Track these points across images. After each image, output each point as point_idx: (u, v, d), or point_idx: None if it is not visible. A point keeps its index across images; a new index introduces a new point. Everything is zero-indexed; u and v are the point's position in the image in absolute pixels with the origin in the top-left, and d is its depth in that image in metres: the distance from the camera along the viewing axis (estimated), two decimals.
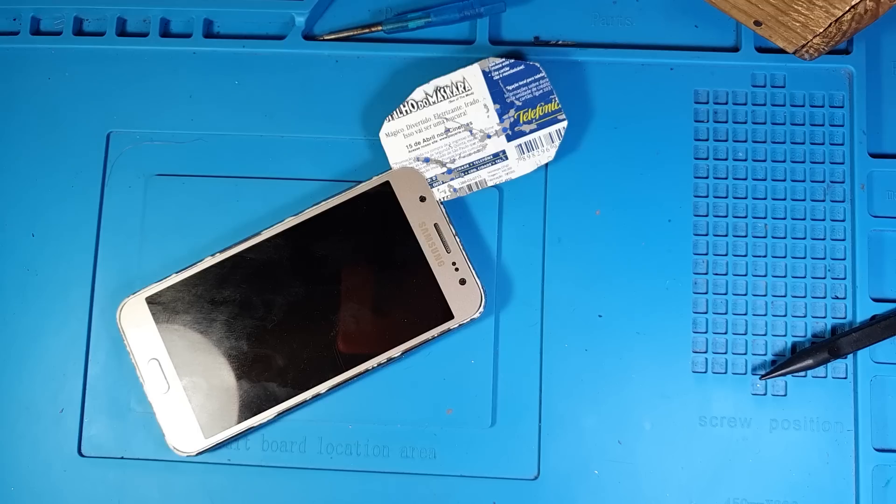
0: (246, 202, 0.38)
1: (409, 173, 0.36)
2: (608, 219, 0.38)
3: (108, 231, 0.38)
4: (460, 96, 0.36)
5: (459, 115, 0.36)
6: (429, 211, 0.35)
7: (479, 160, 0.36)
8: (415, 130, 0.36)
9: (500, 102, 0.36)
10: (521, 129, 0.36)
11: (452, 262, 0.35)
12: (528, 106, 0.36)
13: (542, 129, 0.36)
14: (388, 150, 0.36)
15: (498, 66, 0.36)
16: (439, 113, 0.36)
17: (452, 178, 0.36)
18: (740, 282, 0.37)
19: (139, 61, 0.40)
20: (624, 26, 0.40)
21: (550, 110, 0.36)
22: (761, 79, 0.39)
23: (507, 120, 0.36)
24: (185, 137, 0.39)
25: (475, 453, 0.36)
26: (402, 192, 0.35)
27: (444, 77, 0.36)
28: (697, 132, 0.38)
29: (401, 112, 0.36)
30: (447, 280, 0.35)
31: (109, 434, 0.37)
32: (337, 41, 0.40)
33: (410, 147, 0.36)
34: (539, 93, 0.36)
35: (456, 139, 0.36)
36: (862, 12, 0.32)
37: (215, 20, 0.41)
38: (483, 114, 0.36)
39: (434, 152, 0.36)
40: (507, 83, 0.36)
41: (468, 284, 0.35)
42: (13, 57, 0.40)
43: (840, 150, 0.38)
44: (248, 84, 0.39)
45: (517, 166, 0.36)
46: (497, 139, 0.36)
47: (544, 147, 0.36)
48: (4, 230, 0.39)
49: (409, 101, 0.36)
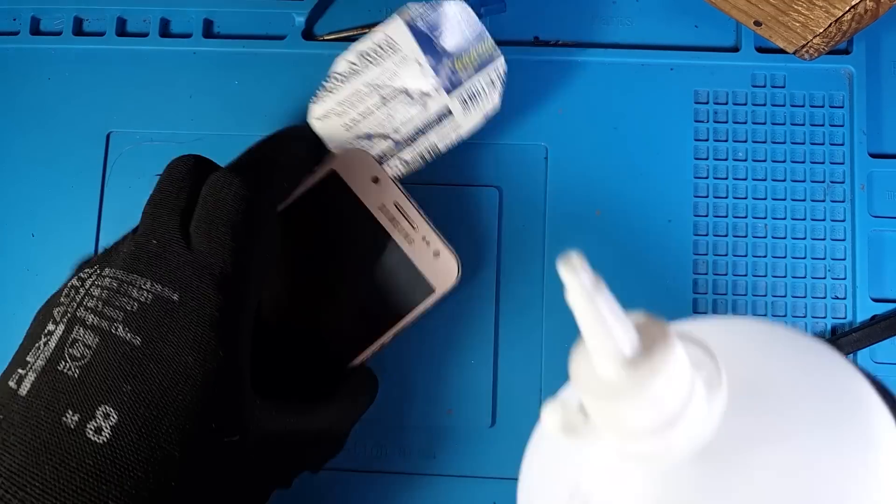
0: None
1: (355, 155, 0.33)
2: (608, 219, 0.38)
3: (108, 231, 0.38)
4: (388, 57, 0.32)
5: (391, 77, 0.32)
6: (385, 191, 0.33)
7: (424, 123, 0.33)
8: (347, 106, 0.33)
9: (432, 53, 0.32)
10: (459, 77, 0.33)
11: (422, 237, 0.33)
12: (462, 51, 0.33)
13: (479, 72, 0.33)
14: (323, 134, 0.34)
15: (421, 12, 0.32)
16: (369, 81, 0.32)
17: (401, 151, 0.33)
18: (741, 282, 0.37)
19: (139, 61, 0.40)
20: (624, 26, 0.40)
21: (485, 51, 0.33)
22: (761, 79, 0.39)
23: (443, 71, 0.32)
24: (185, 137, 0.39)
25: (475, 453, 0.36)
26: (352, 178, 0.33)
27: (366, 39, 0.33)
28: (697, 132, 0.38)
29: (327, 89, 0.33)
30: (421, 256, 0.33)
31: None
32: (337, 41, 0.40)
33: (347, 126, 0.33)
34: (471, 34, 0.33)
35: (394, 106, 0.32)
36: (862, 12, 0.32)
37: (215, 20, 0.41)
38: (417, 71, 0.32)
39: (374, 126, 0.33)
40: (435, 29, 0.32)
41: (442, 255, 0.33)
42: (13, 57, 0.40)
43: (840, 151, 0.38)
44: (248, 84, 0.39)
45: (463, 121, 0.33)
46: (437, 96, 0.33)
47: (487, 93, 0.33)
48: (4, 230, 0.39)
49: (333, 74, 0.33)
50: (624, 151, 0.38)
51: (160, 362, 0.23)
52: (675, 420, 0.16)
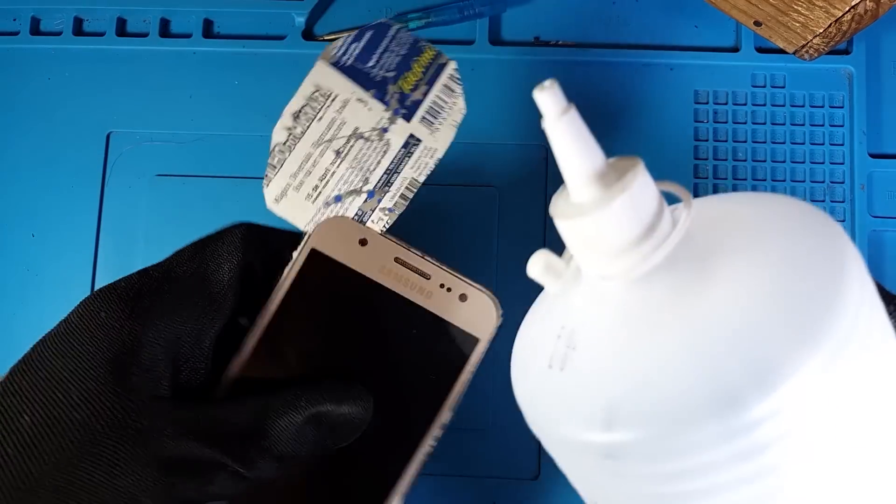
0: (246, 202, 0.38)
1: (330, 225, 0.28)
2: None
3: (108, 231, 0.38)
4: (325, 107, 0.28)
5: (339, 127, 0.28)
6: (379, 250, 0.28)
7: (393, 161, 0.28)
8: (302, 176, 0.28)
9: (372, 85, 0.28)
10: (412, 99, 0.28)
11: (440, 284, 0.28)
12: (402, 70, 0.28)
13: (432, 85, 0.29)
14: (288, 218, 0.28)
15: (343, 47, 0.28)
16: (315, 140, 0.28)
17: (379, 200, 0.28)
18: None
19: (139, 61, 0.40)
20: (624, 26, 0.40)
21: (428, 60, 0.28)
22: (761, 79, 0.39)
23: (392, 99, 0.28)
24: (185, 137, 0.39)
25: (475, 453, 0.36)
26: (337, 250, 0.27)
27: (294, 98, 0.28)
28: (698, 132, 0.38)
29: (273, 166, 0.28)
30: (447, 306, 0.28)
31: None
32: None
33: (310, 196, 0.28)
34: (405, 49, 0.28)
35: (354, 156, 0.28)
36: (862, 12, 0.32)
37: (215, 20, 0.41)
38: (363, 109, 0.28)
39: (340, 185, 0.28)
40: (365, 59, 0.28)
41: (471, 296, 0.28)
42: (13, 57, 0.40)
43: (840, 151, 0.38)
44: (248, 84, 0.39)
45: (435, 142, 0.29)
46: (396, 128, 0.28)
47: (449, 103, 0.29)
48: (4, 230, 0.39)
49: (275, 148, 0.28)
50: (624, 151, 0.38)
51: None
52: (645, 234, 0.18)
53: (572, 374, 0.19)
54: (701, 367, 0.16)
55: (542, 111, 0.18)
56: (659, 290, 0.18)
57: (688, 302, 0.18)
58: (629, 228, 0.18)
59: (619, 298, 0.19)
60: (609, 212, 0.18)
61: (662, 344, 0.17)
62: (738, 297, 0.17)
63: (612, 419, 0.17)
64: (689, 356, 0.17)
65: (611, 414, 0.17)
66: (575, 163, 0.18)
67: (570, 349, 0.19)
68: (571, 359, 0.19)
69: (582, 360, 0.19)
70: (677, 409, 0.16)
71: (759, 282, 0.17)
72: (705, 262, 0.18)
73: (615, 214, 0.18)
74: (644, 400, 0.17)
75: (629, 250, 0.18)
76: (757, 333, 0.16)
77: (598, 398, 0.18)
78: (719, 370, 0.16)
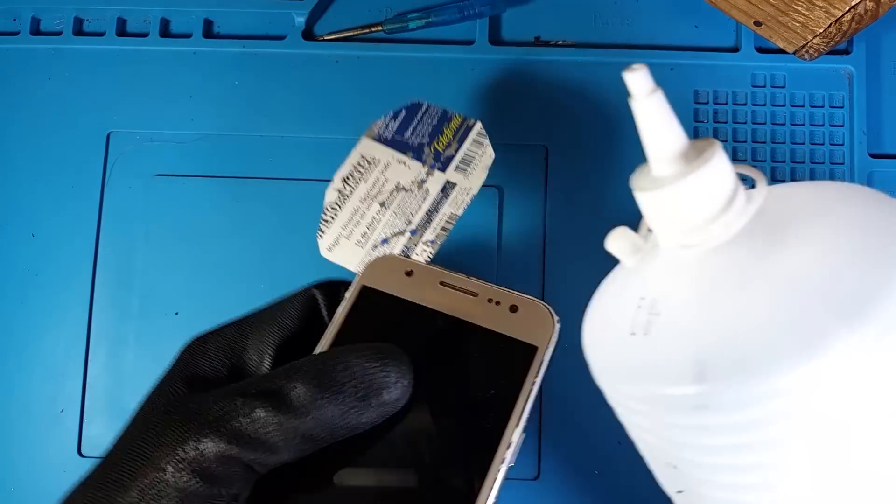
0: (246, 202, 0.38)
1: (378, 263, 0.29)
2: (608, 219, 0.38)
3: (108, 231, 0.38)
4: (370, 171, 0.33)
5: (383, 184, 0.33)
6: (425, 277, 0.29)
7: (433, 204, 0.33)
8: (352, 226, 0.33)
9: (409, 150, 0.34)
10: (446, 155, 0.34)
11: (487, 299, 0.28)
12: (437, 134, 0.34)
13: (463, 142, 0.34)
14: (340, 262, 0.33)
15: (383, 125, 0.34)
16: (363, 196, 0.33)
17: (422, 236, 0.33)
18: None
19: (139, 61, 0.40)
20: (624, 26, 0.40)
21: (457, 125, 0.34)
22: (761, 79, 0.39)
23: (428, 158, 0.34)
24: (186, 137, 0.39)
25: None
26: (386, 283, 0.29)
27: (344, 165, 0.33)
28: (698, 133, 0.38)
29: (326, 221, 0.33)
30: (499, 319, 0.28)
31: (109, 434, 0.37)
32: (337, 41, 0.40)
33: (359, 242, 0.33)
34: (435, 120, 0.34)
35: (397, 204, 0.33)
36: (862, 12, 0.32)
37: (215, 20, 0.41)
38: (403, 168, 0.33)
39: (386, 229, 0.33)
40: (402, 132, 0.34)
41: (522, 306, 0.28)
42: (13, 57, 0.40)
43: (840, 151, 0.38)
44: (248, 84, 0.39)
45: (469, 183, 0.34)
46: (433, 178, 0.33)
47: (479, 153, 0.34)
48: (4, 230, 0.39)
49: (328, 206, 0.33)
50: (624, 151, 0.38)
51: None
52: (725, 206, 0.20)
53: (659, 337, 0.21)
54: (786, 314, 0.18)
55: (631, 91, 0.20)
56: (738, 254, 0.20)
57: (768, 261, 0.19)
58: (711, 199, 0.20)
59: (700, 265, 0.21)
60: (693, 183, 0.19)
61: (747, 299, 0.19)
62: (816, 255, 0.19)
63: (703, 371, 0.19)
64: (775, 306, 0.18)
65: (701, 366, 0.19)
66: (660, 139, 0.20)
67: (654, 315, 0.21)
68: (655, 324, 0.21)
69: (667, 323, 0.21)
70: (765, 355, 0.18)
71: (833, 242, 0.19)
72: (778, 230, 0.20)
73: (699, 186, 0.20)
74: (733, 349, 0.18)
75: (711, 221, 0.20)
76: (838, 283, 0.18)
77: (687, 354, 0.19)
78: (804, 315, 0.18)
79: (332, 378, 0.22)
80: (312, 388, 0.21)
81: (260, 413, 0.21)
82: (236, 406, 0.21)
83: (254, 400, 0.21)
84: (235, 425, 0.20)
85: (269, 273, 0.38)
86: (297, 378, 0.21)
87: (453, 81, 0.39)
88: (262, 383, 0.21)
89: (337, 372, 0.22)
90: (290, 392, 0.21)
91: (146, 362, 0.37)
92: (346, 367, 0.22)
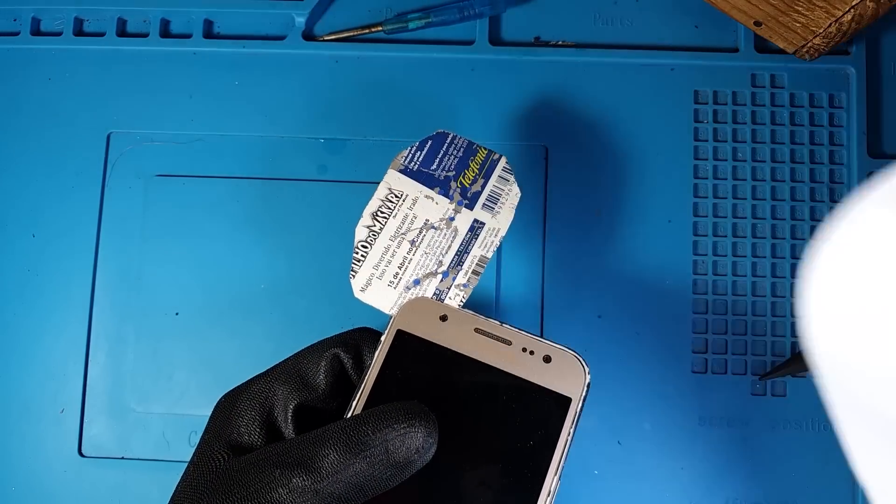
0: (246, 202, 0.38)
1: (412, 306, 0.30)
2: (608, 219, 0.38)
3: (108, 231, 0.38)
4: (399, 206, 0.33)
5: (412, 221, 0.33)
6: (459, 323, 0.29)
7: (463, 244, 0.34)
8: (384, 265, 0.33)
9: (437, 184, 0.34)
10: (473, 191, 0.34)
11: (522, 348, 0.28)
12: (462, 168, 0.34)
13: (489, 178, 0.34)
14: (373, 303, 0.33)
15: (408, 156, 0.34)
16: (393, 234, 0.33)
17: (453, 278, 0.33)
18: (741, 282, 0.37)
19: (139, 61, 0.40)
20: (624, 26, 0.40)
21: (482, 158, 0.34)
22: (761, 79, 0.39)
23: (455, 193, 0.34)
24: (185, 138, 0.39)
25: None
26: (420, 328, 0.29)
27: (371, 201, 0.33)
28: (698, 133, 0.38)
29: (358, 260, 0.33)
30: (532, 369, 0.28)
31: (109, 434, 0.37)
32: (337, 41, 0.40)
33: (392, 283, 0.33)
34: (461, 152, 0.34)
35: (427, 243, 0.33)
36: (862, 12, 0.32)
37: (215, 20, 0.41)
38: (431, 205, 0.34)
39: (418, 269, 0.33)
40: (428, 164, 0.34)
41: (554, 357, 0.28)
42: (13, 57, 0.40)
43: (840, 151, 0.38)
44: (248, 84, 0.39)
45: (498, 223, 0.34)
46: (461, 216, 0.34)
47: (505, 190, 0.34)
48: (5, 230, 0.39)
49: (358, 244, 0.33)
50: (624, 151, 0.38)
51: None
52: None
53: None
54: None
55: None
56: None
57: None
58: None
59: None
60: None
61: None
62: None
63: None
64: None
65: None
66: None
67: None
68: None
69: None
70: None
71: None
72: None
73: None
74: None
75: None
76: None
77: None
78: None
79: (362, 443, 0.23)
80: (344, 454, 0.23)
81: (297, 483, 0.22)
82: (275, 477, 0.22)
83: (290, 471, 0.22)
84: (275, 496, 0.22)
85: (269, 273, 0.38)
86: (330, 445, 0.23)
87: (453, 81, 0.39)
88: (296, 452, 0.23)
89: (366, 435, 0.23)
90: (324, 460, 0.23)
91: (146, 362, 0.37)
92: (376, 430, 0.23)
